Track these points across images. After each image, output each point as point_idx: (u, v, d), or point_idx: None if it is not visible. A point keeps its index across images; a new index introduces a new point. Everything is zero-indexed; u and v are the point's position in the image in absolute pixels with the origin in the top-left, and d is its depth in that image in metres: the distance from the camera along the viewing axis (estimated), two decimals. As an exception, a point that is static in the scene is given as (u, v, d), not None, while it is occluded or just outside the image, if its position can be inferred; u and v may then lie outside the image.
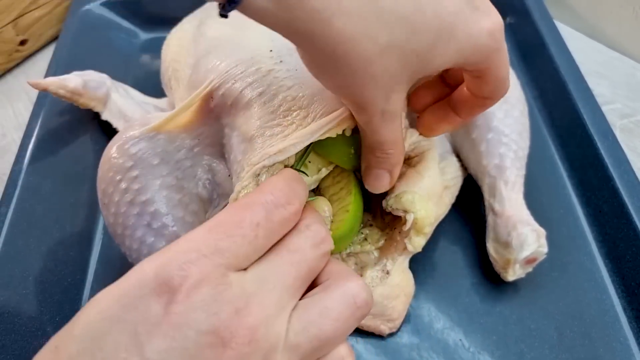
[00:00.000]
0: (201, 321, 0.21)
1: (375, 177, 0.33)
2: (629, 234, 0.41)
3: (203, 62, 0.37)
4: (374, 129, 0.30)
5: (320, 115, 0.33)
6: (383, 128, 0.30)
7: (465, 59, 0.28)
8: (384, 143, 0.31)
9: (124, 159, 0.35)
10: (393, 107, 0.29)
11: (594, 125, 0.47)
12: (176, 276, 0.22)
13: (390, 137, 0.31)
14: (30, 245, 0.41)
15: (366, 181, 0.34)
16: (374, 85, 0.27)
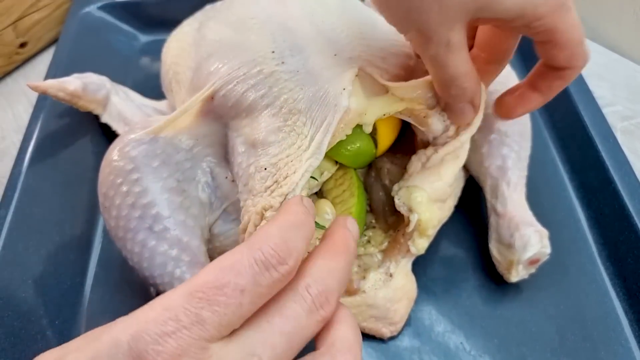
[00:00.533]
0: None
1: (460, 112, 0.34)
2: (630, 237, 0.41)
3: (204, 64, 0.37)
4: (443, 62, 0.30)
5: (318, 120, 0.33)
6: (452, 60, 0.29)
7: (532, 7, 0.27)
8: (456, 77, 0.31)
9: (124, 162, 0.35)
10: (458, 37, 0.29)
11: (594, 128, 0.47)
12: (151, 351, 0.20)
13: (461, 70, 0.30)
14: (30, 248, 0.41)
15: (451, 118, 0.35)
16: (439, 9, 0.27)
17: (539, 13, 0.28)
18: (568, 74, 0.32)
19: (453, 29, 0.28)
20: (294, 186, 0.31)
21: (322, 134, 0.32)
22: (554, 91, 0.33)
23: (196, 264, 0.35)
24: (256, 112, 0.34)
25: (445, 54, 0.29)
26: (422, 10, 0.27)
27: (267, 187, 0.32)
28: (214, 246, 0.38)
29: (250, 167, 0.34)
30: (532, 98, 0.34)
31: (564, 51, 0.30)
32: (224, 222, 0.38)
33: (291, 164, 0.32)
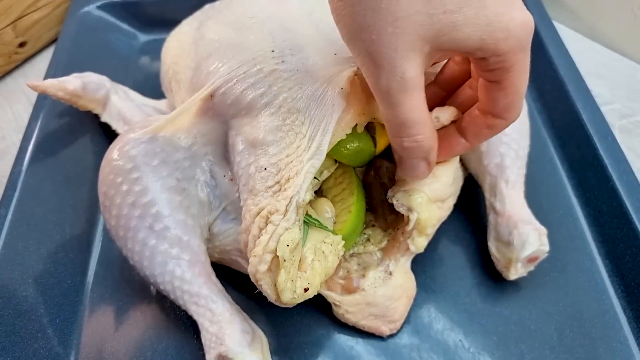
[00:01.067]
0: None
1: (412, 167, 0.31)
2: (629, 234, 0.41)
3: (204, 64, 0.37)
4: (395, 100, 0.27)
5: (316, 119, 0.33)
6: (404, 101, 0.27)
7: (493, 41, 0.26)
8: (410, 125, 0.28)
9: (124, 161, 0.35)
10: (414, 72, 0.26)
11: (593, 126, 0.47)
12: None
13: (414, 116, 0.28)
14: (30, 247, 0.41)
15: (403, 172, 0.33)
16: (394, 31, 0.25)
17: (499, 49, 0.26)
18: (499, 124, 0.30)
19: (409, 60, 0.26)
20: (298, 188, 0.31)
21: (321, 135, 0.32)
22: (479, 140, 0.32)
23: (196, 263, 0.36)
24: (255, 110, 0.34)
25: (398, 90, 0.27)
26: (374, 30, 0.25)
27: (268, 187, 0.32)
28: (213, 245, 0.39)
29: (250, 166, 0.34)
30: (457, 143, 0.32)
31: (506, 98, 0.28)
32: (223, 221, 0.38)
33: (292, 164, 0.32)
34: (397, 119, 0.28)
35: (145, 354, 0.38)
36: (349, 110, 0.33)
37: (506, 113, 0.30)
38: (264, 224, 0.31)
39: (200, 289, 0.35)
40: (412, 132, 0.28)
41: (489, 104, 0.30)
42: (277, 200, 0.31)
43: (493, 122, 0.30)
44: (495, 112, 0.30)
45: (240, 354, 0.33)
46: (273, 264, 0.30)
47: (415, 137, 0.29)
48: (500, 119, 0.30)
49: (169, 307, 0.40)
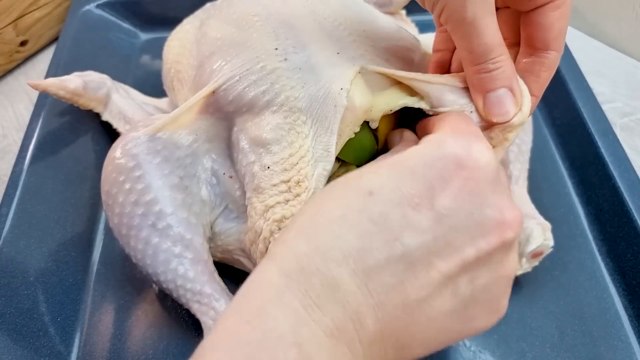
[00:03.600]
0: None
1: (497, 102, 0.30)
2: (630, 233, 0.41)
3: (207, 63, 0.37)
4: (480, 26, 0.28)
5: (318, 119, 0.33)
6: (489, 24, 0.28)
7: None
8: (493, 47, 0.29)
9: (126, 159, 0.35)
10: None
11: (594, 124, 0.47)
12: None
13: (497, 38, 0.29)
14: (32, 246, 0.41)
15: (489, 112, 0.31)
16: None
17: None
18: (553, 59, 0.31)
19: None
20: (311, 194, 0.31)
21: (328, 135, 0.32)
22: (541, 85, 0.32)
23: (199, 261, 0.36)
24: (257, 108, 0.34)
25: (483, 15, 0.28)
26: None
27: (273, 185, 0.32)
28: (216, 245, 0.39)
29: (254, 165, 0.34)
30: None
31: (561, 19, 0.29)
32: (225, 220, 0.38)
33: (298, 166, 0.32)
34: (482, 45, 0.28)
35: (147, 352, 0.38)
36: (357, 107, 0.33)
37: (559, 40, 0.30)
38: (277, 228, 0.31)
39: (203, 288, 0.35)
40: (496, 54, 0.29)
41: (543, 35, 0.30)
42: (291, 205, 0.31)
43: (548, 57, 0.31)
44: (549, 42, 0.30)
45: None
46: None
47: (499, 57, 0.29)
48: (554, 50, 0.30)
49: (170, 306, 0.41)
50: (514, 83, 0.30)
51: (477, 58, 0.29)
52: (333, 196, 0.26)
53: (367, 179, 0.25)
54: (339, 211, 0.24)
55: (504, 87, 0.30)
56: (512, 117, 0.30)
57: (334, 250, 0.23)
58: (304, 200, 0.31)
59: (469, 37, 0.29)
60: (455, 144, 0.25)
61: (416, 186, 0.24)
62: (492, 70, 0.29)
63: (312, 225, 0.25)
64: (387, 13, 0.43)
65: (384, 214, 0.24)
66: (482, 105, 0.31)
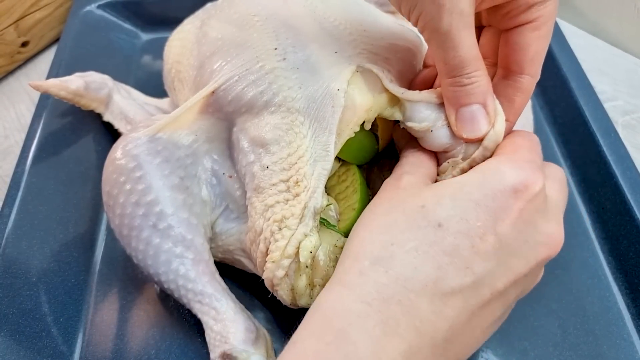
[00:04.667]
0: None
1: (470, 118, 0.30)
2: (632, 231, 0.41)
3: (208, 63, 0.37)
4: (455, 38, 0.28)
5: (316, 119, 0.33)
6: (465, 38, 0.28)
7: None
8: (468, 62, 0.28)
9: (126, 160, 0.35)
10: (469, 9, 0.27)
11: (596, 123, 0.47)
12: None
13: (472, 53, 0.28)
14: (34, 246, 0.41)
15: (461, 128, 0.30)
16: None
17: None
18: (527, 84, 0.31)
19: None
20: (312, 194, 0.31)
21: (326, 136, 0.32)
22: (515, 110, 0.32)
23: (200, 262, 0.36)
24: (256, 108, 0.34)
25: (458, 27, 0.27)
26: None
27: (272, 185, 0.32)
28: (216, 245, 0.39)
29: (253, 165, 0.34)
30: None
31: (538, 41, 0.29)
32: (226, 220, 0.38)
33: (296, 166, 0.32)
34: (457, 58, 0.28)
35: (149, 352, 0.38)
36: (355, 107, 0.33)
37: (535, 64, 0.30)
38: (277, 228, 0.31)
39: (204, 288, 0.35)
40: (471, 68, 0.29)
41: (518, 57, 0.30)
42: (291, 205, 0.31)
43: (521, 81, 0.31)
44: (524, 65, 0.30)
45: (244, 351, 0.33)
46: (290, 269, 0.31)
47: (473, 73, 0.29)
48: (528, 74, 0.30)
49: (172, 306, 0.41)
50: (488, 100, 0.30)
51: (451, 70, 0.29)
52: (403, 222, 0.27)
53: (432, 208, 0.27)
54: (412, 243, 0.26)
55: (478, 104, 0.30)
56: (483, 134, 0.30)
57: (412, 281, 0.25)
58: (303, 200, 0.31)
59: (444, 48, 0.29)
60: (513, 175, 0.27)
61: (481, 217, 0.27)
62: (466, 85, 0.29)
63: (389, 256, 0.26)
64: (388, 12, 0.43)
65: (455, 245, 0.26)
66: (454, 119, 0.31)
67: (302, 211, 0.31)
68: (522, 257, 0.27)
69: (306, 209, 0.31)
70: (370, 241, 0.27)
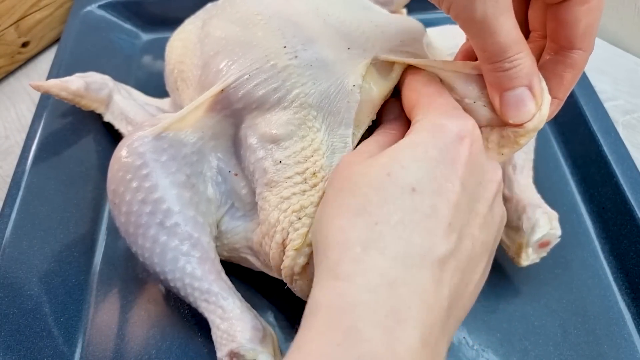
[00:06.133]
0: None
1: (517, 103, 0.28)
2: (633, 231, 0.41)
3: (212, 62, 0.37)
4: (492, 24, 0.26)
5: (331, 114, 0.33)
6: (503, 22, 0.26)
7: None
8: (509, 46, 0.27)
9: (133, 158, 0.35)
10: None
11: (596, 122, 0.47)
12: None
13: (511, 36, 0.27)
14: (34, 246, 0.42)
15: (506, 113, 0.29)
16: None
17: None
18: (578, 59, 0.29)
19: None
20: None
21: (342, 129, 0.33)
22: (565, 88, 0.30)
23: (206, 260, 0.36)
24: (267, 105, 0.35)
25: (494, 14, 0.26)
26: None
27: (287, 178, 0.33)
28: (222, 244, 0.39)
29: (264, 161, 0.34)
30: None
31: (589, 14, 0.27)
32: (231, 218, 0.38)
33: (312, 159, 0.32)
34: (496, 44, 0.27)
35: (150, 352, 0.38)
36: (373, 99, 0.33)
37: (586, 38, 0.28)
38: (296, 217, 0.31)
39: (210, 286, 0.35)
40: (513, 52, 0.27)
41: (569, 32, 0.28)
42: (309, 195, 0.32)
43: (572, 57, 0.29)
44: (575, 40, 0.28)
45: (251, 350, 0.33)
46: (311, 257, 0.30)
47: (516, 55, 0.27)
48: (580, 49, 0.29)
49: (173, 306, 0.41)
50: (534, 81, 0.28)
51: (491, 57, 0.28)
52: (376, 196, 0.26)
53: (399, 174, 0.26)
54: (395, 216, 0.25)
55: (523, 86, 0.28)
56: (530, 118, 0.29)
57: (410, 256, 0.24)
58: (322, 188, 0.31)
59: (481, 36, 0.27)
60: (454, 125, 0.27)
61: (444, 172, 0.26)
62: (509, 69, 0.28)
63: (378, 236, 0.25)
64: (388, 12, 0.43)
65: (433, 206, 0.25)
66: (498, 104, 0.29)
67: (318, 199, 0.31)
68: (482, 197, 0.28)
69: None
70: (351, 226, 0.25)
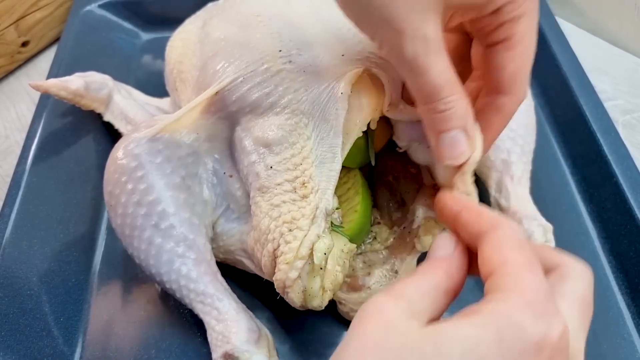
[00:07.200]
0: None
1: (450, 144, 0.28)
2: (632, 230, 0.41)
3: (210, 63, 0.37)
4: (423, 64, 0.26)
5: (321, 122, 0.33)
6: (433, 62, 0.25)
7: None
8: (441, 87, 0.26)
9: (128, 160, 0.35)
10: (435, 32, 0.25)
11: (596, 122, 0.47)
12: None
13: (444, 77, 0.26)
14: (34, 246, 0.41)
15: (442, 154, 0.28)
16: None
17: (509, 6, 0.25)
18: (507, 104, 0.28)
19: (427, 20, 0.25)
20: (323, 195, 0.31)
21: (331, 138, 0.32)
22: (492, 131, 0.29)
23: (202, 262, 0.36)
24: (260, 109, 0.34)
25: (425, 53, 0.25)
26: None
27: (277, 184, 0.33)
28: (218, 245, 0.39)
29: (257, 165, 0.34)
30: None
31: (514, 61, 0.27)
32: (227, 220, 0.38)
33: (301, 167, 0.32)
34: (429, 84, 0.26)
35: (149, 351, 0.38)
36: (362, 108, 0.33)
37: (513, 84, 0.28)
38: (287, 229, 0.31)
39: (206, 288, 0.35)
40: (445, 93, 0.26)
41: (495, 77, 0.28)
42: (300, 207, 0.31)
43: (500, 101, 0.28)
44: (502, 85, 0.28)
45: (246, 351, 0.33)
46: (303, 270, 0.31)
47: (450, 97, 0.27)
48: (507, 95, 0.28)
49: (172, 306, 0.41)
50: (468, 123, 0.28)
51: (425, 97, 0.27)
52: None
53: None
54: None
55: (458, 128, 0.27)
56: (466, 159, 0.29)
57: None
58: (313, 201, 0.31)
59: (412, 76, 0.27)
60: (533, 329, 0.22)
61: None
62: (444, 111, 0.27)
63: None
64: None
65: None
66: (435, 145, 0.29)
67: (313, 212, 0.31)
68: None
69: (318, 209, 0.31)
70: None
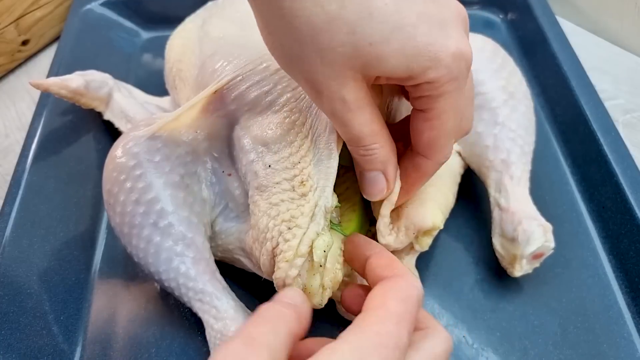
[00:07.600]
0: None
1: (369, 182, 0.31)
2: (632, 230, 0.41)
3: (209, 62, 0.37)
4: (343, 120, 0.27)
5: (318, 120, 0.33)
6: (353, 119, 0.27)
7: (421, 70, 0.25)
8: (362, 137, 0.28)
9: (126, 158, 0.35)
10: (354, 95, 0.26)
11: (596, 121, 0.47)
12: None
13: (366, 130, 0.28)
14: (35, 244, 0.42)
15: (362, 189, 0.32)
16: (322, 62, 0.25)
17: (428, 77, 0.26)
18: (423, 165, 0.30)
19: (345, 85, 0.26)
20: (323, 192, 0.31)
21: (326, 135, 0.32)
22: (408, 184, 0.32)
23: (200, 260, 0.36)
24: (259, 107, 0.35)
25: (344, 111, 0.27)
26: (305, 61, 0.26)
27: (275, 183, 0.33)
28: (216, 244, 0.39)
29: (255, 164, 0.34)
30: None
31: (430, 131, 0.28)
32: (225, 219, 0.38)
33: (299, 165, 0.32)
34: (349, 134, 0.28)
35: (150, 350, 0.38)
36: None
37: (429, 150, 0.29)
38: (286, 228, 0.31)
39: (204, 286, 0.35)
40: (367, 142, 0.29)
41: (414, 138, 0.29)
42: (299, 205, 0.31)
43: (418, 161, 0.30)
44: (418, 147, 0.30)
45: None
46: (302, 268, 0.31)
47: (371, 145, 0.29)
48: (423, 157, 0.30)
49: (173, 304, 0.41)
50: (388, 169, 0.30)
51: (349, 141, 0.29)
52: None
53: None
54: None
55: (377, 171, 0.30)
56: (382, 197, 0.31)
57: None
58: (312, 199, 0.31)
59: (336, 125, 0.29)
60: None
61: None
62: (365, 155, 0.29)
63: None
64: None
65: None
66: (359, 179, 0.32)
67: (312, 210, 0.31)
68: None
69: (317, 207, 0.31)
70: None
